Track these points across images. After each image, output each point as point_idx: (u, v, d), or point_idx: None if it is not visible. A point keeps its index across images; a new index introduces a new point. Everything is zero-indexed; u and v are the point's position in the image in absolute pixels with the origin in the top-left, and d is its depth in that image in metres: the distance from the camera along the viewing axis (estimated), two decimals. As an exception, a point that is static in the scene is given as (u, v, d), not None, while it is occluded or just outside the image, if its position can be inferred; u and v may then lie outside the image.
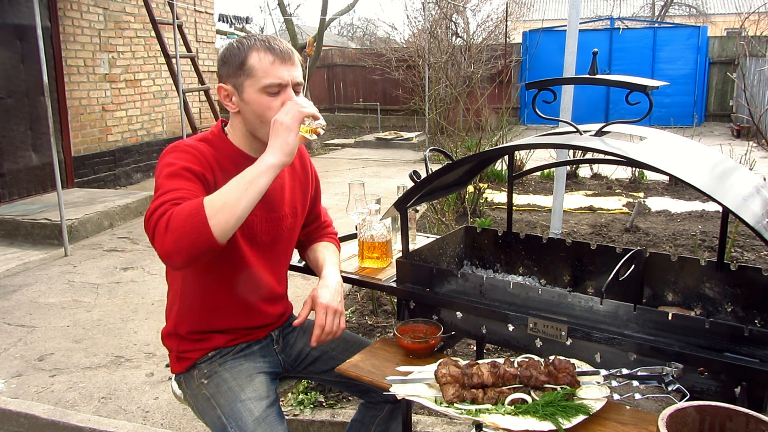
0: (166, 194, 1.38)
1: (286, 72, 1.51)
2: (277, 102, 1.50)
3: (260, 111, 1.51)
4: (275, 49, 1.50)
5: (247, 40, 1.53)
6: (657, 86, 1.49)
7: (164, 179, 1.43)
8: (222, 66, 1.54)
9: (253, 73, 1.49)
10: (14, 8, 5.97)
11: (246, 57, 1.49)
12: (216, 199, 1.33)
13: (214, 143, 1.58)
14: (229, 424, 1.48)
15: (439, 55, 11.55)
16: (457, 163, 1.65)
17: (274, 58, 1.49)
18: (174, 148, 1.51)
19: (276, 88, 1.50)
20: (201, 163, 1.48)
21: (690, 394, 1.25)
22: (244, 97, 1.51)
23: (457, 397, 1.31)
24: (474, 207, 5.43)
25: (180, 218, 1.30)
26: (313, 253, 1.85)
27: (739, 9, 22.90)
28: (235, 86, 1.52)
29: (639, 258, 1.63)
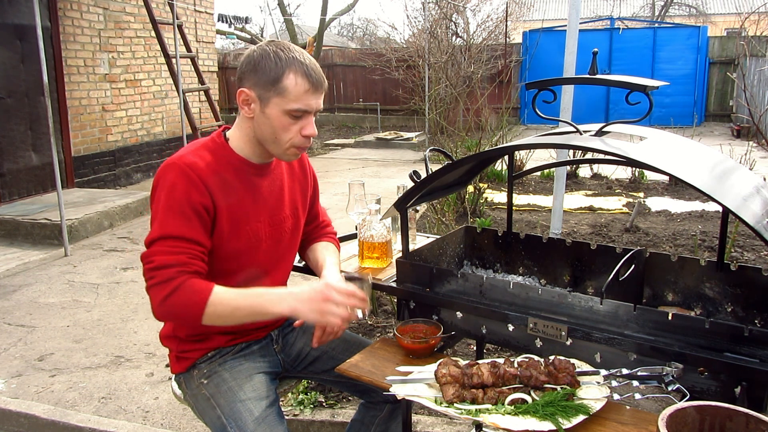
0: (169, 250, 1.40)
1: (315, 101, 1.50)
2: (297, 126, 1.50)
3: (278, 129, 1.50)
4: (312, 76, 1.48)
5: (285, 55, 1.47)
6: (657, 86, 1.49)
7: (164, 213, 1.43)
8: (251, 72, 1.49)
9: (285, 95, 1.47)
10: (14, 8, 5.97)
11: (282, 75, 1.46)
12: (221, 308, 1.40)
13: (216, 151, 1.56)
14: (228, 424, 1.48)
15: (439, 55, 11.55)
16: (457, 163, 1.65)
17: (309, 86, 1.48)
18: (174, 166, 1.47)
19: (301, 114, 1.49)
20: (199, 189, 1.46)
21: (690, 394, 1.25)
22: (267, 111, 1.49)
23: (457, 397, 1.31)
24: (474, 207, 5.43)
25: (181, 301, 1.38)
26: (312, 254, 1.83)
27: (739, 9, 22.90)
28: (261, 98, 1.49)
29: (639, 258, 1.63)
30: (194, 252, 1.43)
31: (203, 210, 1.46)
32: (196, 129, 6.60)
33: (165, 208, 1.44)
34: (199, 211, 1.45)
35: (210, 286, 1.41)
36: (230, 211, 1.52)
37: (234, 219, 1.53)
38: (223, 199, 1.50)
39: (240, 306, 1.41)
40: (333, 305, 1.41)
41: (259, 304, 1.42)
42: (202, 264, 1.45)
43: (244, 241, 1.56)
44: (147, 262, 1.41)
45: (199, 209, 1.45)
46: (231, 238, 1.53)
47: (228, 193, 1.52)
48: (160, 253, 1.40)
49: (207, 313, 1.39)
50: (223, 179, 1.52)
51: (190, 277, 1.40)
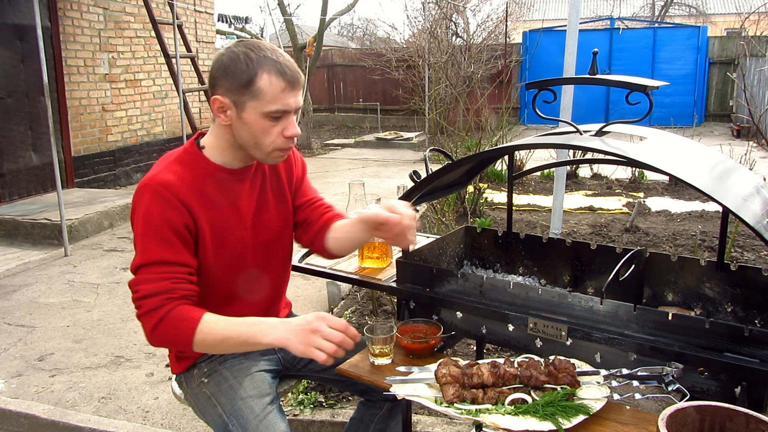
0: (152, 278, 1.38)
1: (293, 100, 1.44)
2: (277, 128, 1.44)
3: (258, 134, 1.44)
4: (287, 74, 1.41)
5: (256, 55, 1.40)
6: (657, 86, 1.49)
7: (143, 239, 1.40)
8: (222, 77, 1.42)
9: (260, 96, 1.40)
10: (14, 8, 5.97)
11: (255, 77, 1.39)
12: (210, 337, 1.37)
13: (190, 164, 1.50)
14: (230, 422, 1.48)
15: (439, 55, 11.55)
16: (457, 163, 1.65)
17: (285, 84, 1.41)
18: (147, 188, 1.42)
19: (281, 114, 1.43)
20: (177, 209, 1.41)
21: (690, 394, 1.25)
22: (244, 116, 1.43)
23: (457, 397, 1.31)
24: (474, 207, 5.43)
25: (169, 330, 1.36)
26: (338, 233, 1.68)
27: (739, 9, 22.89)
28: (236, 103, 1.42)
29: (639, 258, 1.63)
30: (179, 275, 1.40)
31: (184, 229, 1.42)
32: (196, 129, 6.60)
33: (143, 234, 1.40)
34: (179, 232, 1.41)
35: (198, 315, 1.37)
36: (212, 224, 1.48)
37: (217, 231, 1.49)
38: (203, 213, 1.46)
39: (229, 336, 1.37)
40: (320, 339, 1.32)
41: (248, 335, 1.37)
42: (190, 285, 1.42)
43: (230, 250, 1.53)
44: (134, 291, 1.39)
45: (180, 229, 1.41)
46: (216, 251, 1.50)
47: (208, 206, 1.48)
48: (144, 281, 1.38)
49: (196, 342, 1.36)
50: (201, 193, 1.47)
51: (177, 305, 1.37)
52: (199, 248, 1.48)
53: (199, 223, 1.46)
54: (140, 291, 1.38)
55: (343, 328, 1.34)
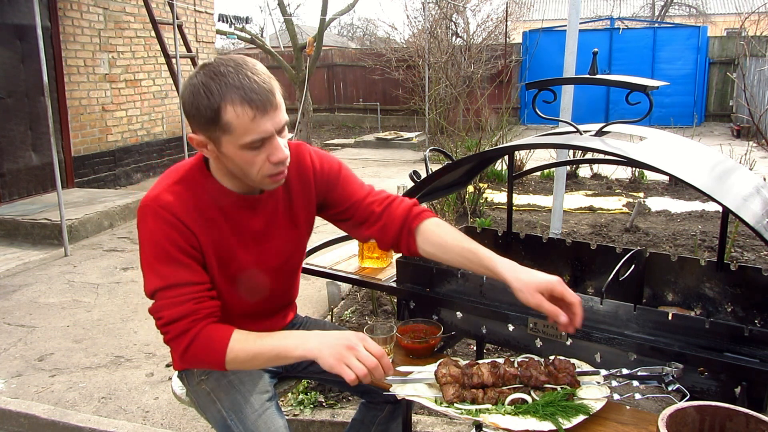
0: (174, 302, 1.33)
1: (270, 122, 1.30)
2: (262, 155, 1.33)
3: (242, 166, 1.34)
4: (254, 100, 1.26)
5: (217, 84, 1.27)
6: (657, 86, 1.49)
7: (155, 262, 1.35)
8: (189, 115, 1.32)
9: (231, 131, 1.28)
10: (14, 8, 5.97)
11: (219, 111, 1.27)
12: (242, 354, 1.33)
13: (193, 186, 1.42)
14: (229, 417, 1.49)
15: (439, 55, 11.55)
16: (457, 163, 1.65)
17: (254, 113, 1.27)
18: (149, 210, 1.37)
19: (259, 143, 1.31)
20: (180, 230, 1.36)
21: (690, 394, 1.25)
22: (223, 150, 1.33)
23: (457, 397, 1.31)
24: (474, 207, 5.43)
25: (201, 351, 1.33)
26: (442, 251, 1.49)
27: (739, 9, 22.89)
28: (211, 139, 1.32)
29: (639, 258, 1.63)
30: (199, 294, 1.36)
31: (191, 249, 1.38)
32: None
33: (154, 258, 1.36)
34: (188, 251, 1.37)
35: (228, 333, 1.34)
36: (215, 246, 1.43)
37: (219, 254, 1.45)
38: (205, 235, 1.41)
39: (261, 352, 1.33)
40: (354, 358, 1.26)
41: (281, 348, 1.32)
42: (212, 302, 1.38)
43: (234, 272, 1.49)
44: (157, 318, 1.35)
45: (188, 250, 1.37)
46: (221, 272, 1.47)
47: (209, 228, 1.43)
48: (165, 307, 1.34)
49: (228, 360, 1.33)
50: (201, 215, 1.41)
51: (205, 325, 1.34)
52: (206, 268, 1.44)
53: (203, 244, 1.41)
54: (164, 317, 1.34)
55: (379, 355, 1.28)
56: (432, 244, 1.50)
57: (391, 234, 1.54)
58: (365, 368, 1.25)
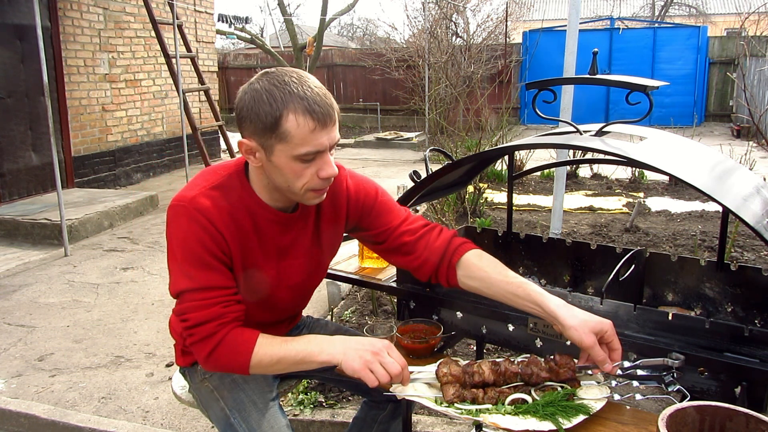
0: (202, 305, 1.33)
1: (327, 138, 1.30)
2: (311, 169, 1.32)
3: (290, 177, 1.33)
4: (316, 111, 1.27)
5: (281, 92, 1.27)
6: (657, 86, 1.49)
7: (185, 264, 1.34)
8: (246, 119, 1.30)
9: (288, 139, 1.27)
10: (14, 8, 5.97)
11: (280, 118, 1.26)
12: (266, 359, 1.33)
13: (230, 194, 1.40)
14: (231, 415, 1.49)
15: (439, 55, 11.55)
16: (457, 163, 1.65)
17: (315, 125, 1.27)
18: (184, 210, 1.35)
19: (313, 156, 1.30)
20: (213, 236, 1.35)
21: (690, 394, 1.25)
22: (273, 159, 1.31)
23: (457, 397, 1.31)
24: (474, 207, 5.43)
25: (225, 355, 1.33)
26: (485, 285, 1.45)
27: (739, 9, 22.89)
28: (263, 146, 1.31)
29: (639, 258, 1.63)
30: (227, 298, 1.35)
31: (222, 254, 1.36)
32: (196, 129, 6.60)
33: (183, 259, 1.35)
34: (219, 257, 1.36)
35: (254, 337, 1.34)
36: (243, 256, 1.41)
37: (245, 263, 1.43)
38: (235, 244, 1.40)
39: (285, 356, 1.33)
40: (378, 364, 1.27)
41: (305, 353, 1.33)
42: (238, 306, 1.37)
43: (255, 283, 1.47)
44: (182, 320, 1.35)
45: (218, 255, 1.36)
46: (245, 281, 1.45)
47: (240, 238, 1.41)
48: (193, 309, 1.33)
49: (252, 364, 1.33)
50: (235, 223, 1.39)
51: (231, 329, 1.33)
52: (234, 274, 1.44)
53: (233, 251, 1.40)
54: (191, 320, 1.33)
55: (403, 365, 1.29)
56: (475, 279, 1.47)
57: (430, 267, 1.52)
58: (388, 374, 1.27)
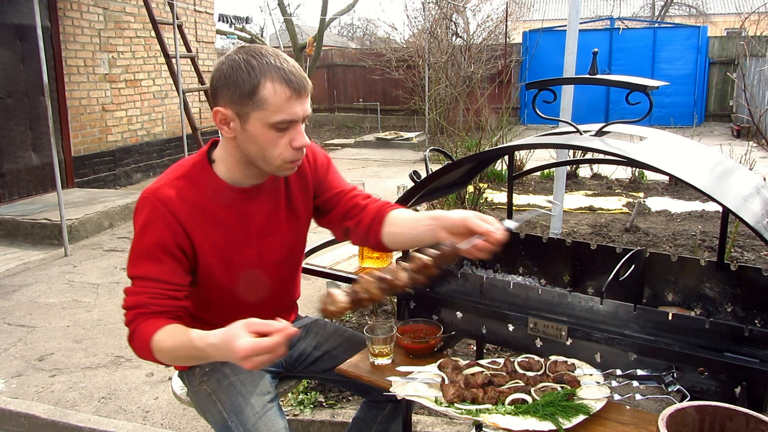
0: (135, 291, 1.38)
1: (300, 108, 1.36)
2: (285, 138, 1.37)
3: (264, 146, 1.37)
4: (292, 81, 1.33)
5: (258, 62, 1.32)
6: (657, 86, 1.49)
7: (135, 252, 1.40)
8: (223, 87, 1.35)
9: (264, 107, 1.32)
10: (14, 8, 5.97)
11: (258, 86, 1.31)
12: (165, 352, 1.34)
13: (198, 180, 1.45)
14: (229, 419, 1.49)
15: (439, 55, 11.55)
16: (457, 163, 1.65)
17: (291, 93, 1.33)
18: (148, 201, 1.40)
19: (287, 124, 1.35)
20: (173, 229, 1.38)
21: (690, 394, 1.25)
22: (248, 127, 1.36)
23: (457, 397, 1.31)
24: (474, 207, 5.43)
25: (136, 345, 1.38)
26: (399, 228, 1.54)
27: (739, 9, 22.88)
28: (239, 114, 1.35)
29: (639, 258, 1.63)
30: (159, 291, 1.37)
31: (177, 250, 1.40)
32: (196, 129, 6.60)
33: (136, 248, 1.40)
34: (172, 252, 1.39)
35: (158, 326, 1.34)
36: (216, 243, 1.43)
37: (222, 250, 1.45)
38: (204, 234, 1.43)
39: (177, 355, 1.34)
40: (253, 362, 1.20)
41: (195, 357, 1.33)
42: (169, 301, 1.38)
43: (238, 268, 1.50)
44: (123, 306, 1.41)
45: (172, 250, 1.39)
46: (224, 269, 1.48)
47: (211, 226, 1.44)
48: (129, 293, 1.40)
49: (157, 357, 1.35)
50: (204, 211, 1.43)
51: (144, 320, 1.36)
52: (200, 267, 1.45)
53: (197, 242, 1.42)
54: (124, 302, 1.40)
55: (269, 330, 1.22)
56: (397, 224, 1.54)
57: (364, 225, 1.58)
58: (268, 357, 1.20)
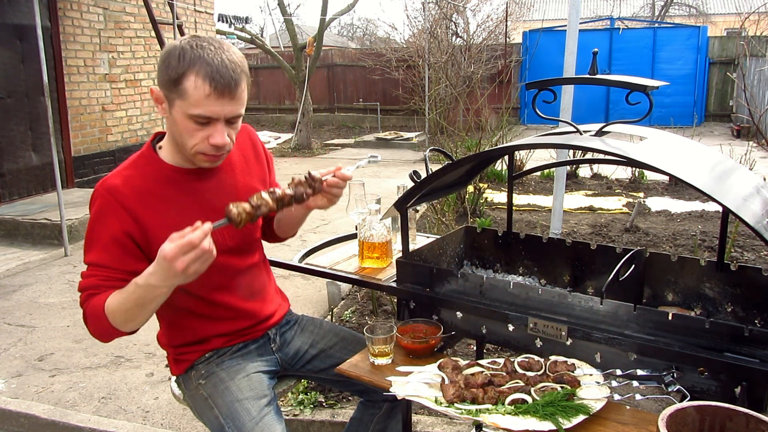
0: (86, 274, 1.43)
1: (220, 108, 1.36)
2: (203, 132, 1.39)
3: (183, 133, 1.41)
4: (217, 80, 1.33)
5: (193, 53, 1.34)
6: (657, 86, 1.49)
7: (87, 241, 1.45)
8: (160, 68, 1.39)
9: (185, 97, 1.35)
10: (14, 8, 5.97)
11: (182, 76, 1.34)
12: (118, 314, 1.36)
13: (144, 167, 1.50)
14: (226, 424, 1.48)
15: (439, 55, 11.55)
16: (457, 163, 1.65)
17: (210, 91, 1.33)
18: (97, 193, 1.45)
19: (205, 119, 1.38)
20: (120, 217, 1.42)
21: (690, 394, 1.25)
22: (173, 112, 1.40)
23: (457, 397, 1.31)
24: (474, 207, 5.43)
25: (93, 319, 1.39)
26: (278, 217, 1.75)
27: (739, 9, 22.89)
28: (167, 97, 1.39)
29: (639, 258, 1.62)
30: (109, 275, 1.40)
31: (125, 237, 1.42)
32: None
33: (88, 237, 1.45)
34: (119, 240, 1.42)
35: (102, 300, 1.37)
36: (170, 224, 1.40)
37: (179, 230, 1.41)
38: (154, 217, 1.45)
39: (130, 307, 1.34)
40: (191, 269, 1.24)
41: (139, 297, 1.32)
42: (122, 283, 1.38)
43: None
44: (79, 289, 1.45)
45: (120, 237, 1.42)
46: None
47: (162, 210, 1.46)
48: (83, 277, 1.44)
49: (114, 324, 1.37)
50: (152, 196, 1.46)
51: (95, 296, 1.39)
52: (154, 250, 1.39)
53: (147, 228, 1.44)
54: (79, 285, 1.44)
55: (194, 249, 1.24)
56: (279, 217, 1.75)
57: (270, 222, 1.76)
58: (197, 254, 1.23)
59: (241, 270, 1.64)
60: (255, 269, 1.71)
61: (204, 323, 1.62)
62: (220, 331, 1.63)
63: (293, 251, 2.33)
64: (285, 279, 4.12)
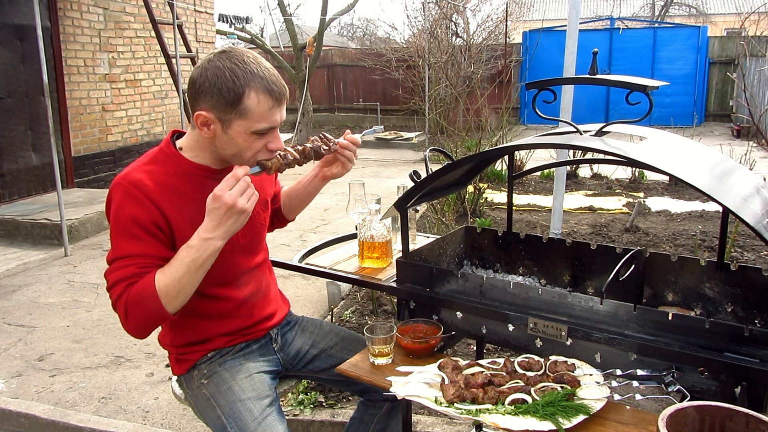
0: (119, 267, 1.39)
1: (279, 116, 1.45)
2: (262, 141, 1.45)
3: (242, 148, 1.44)
4: (274, 91, 1.40)
5: (242, 71, 1.37)
6: (657, 86, 1.49)
7: (115, 237, 1.43)
8: (206, 93, 1.38)
9: (247, 116, 1.39)
10: (14, 8, 5.97)
11: (243, 96, 1.37)
12: (171, 287, 1.36)
13: (165, 163, 1.50)
14: (228, 424, 1.48)
15: (439, 55, 11.55)
16: (457, 163, 1.65)
17: (273, 103, 1.40)
18: (119, 187, 1.44)
19: (267, 130, 1.44)
20: (147, 207, 1.41)
21: (690, 394, 1.25)
22: (230, 132, 1.42)
23: (457, 397, 1.31)
24: (474, 207, 5.43)
25: (136, 306, 1.36)
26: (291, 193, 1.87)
27: (739, 9, 22.88)
28: (221, 119, 1.40)
29: (639, 258, 1.62)
30: (145, 262, 1.40)
31: (154, 227, 1.42)
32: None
33: (115, 232, 1.42)
34: (149, 230, 1.41)
35: (151, 278, 1.37)
36: (191, 221, 1.44)
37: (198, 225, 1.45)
38: (178, 212, 1.46)
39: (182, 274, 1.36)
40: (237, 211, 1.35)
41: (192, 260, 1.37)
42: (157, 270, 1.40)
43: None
44: (108, 288, 1.41)
45: (149, 227, 1.41)
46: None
47: (184, 205, 1.47)
48: (110, 272, 1.40)
49: (165, 302, 1.36)
50: (175, 191, 1.47)
51: (137, 284, 1.37)
52: (177, 244, 1.46)
53: (173, 221, 1.45)
54: (108, 282, 1.40)
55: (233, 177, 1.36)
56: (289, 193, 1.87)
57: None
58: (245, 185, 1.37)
59: (247, 269, 1.66)
60: (259, 269, 1.72)
61: (208, 323, 1.62)
62: (223, 331, 1.64)
63: (293, 251, 2.33)
64: (285, 279, 4.12)
